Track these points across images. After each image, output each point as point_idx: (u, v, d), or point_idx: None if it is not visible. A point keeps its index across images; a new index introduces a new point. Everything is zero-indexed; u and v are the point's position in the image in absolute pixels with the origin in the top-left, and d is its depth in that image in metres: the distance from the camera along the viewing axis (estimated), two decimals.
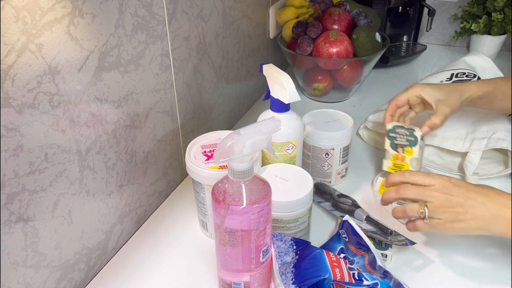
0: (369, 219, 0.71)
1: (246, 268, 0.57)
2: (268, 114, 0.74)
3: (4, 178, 0.49)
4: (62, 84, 0.54)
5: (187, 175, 0.88)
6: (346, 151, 0.82)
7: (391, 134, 0.80)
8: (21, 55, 0.48)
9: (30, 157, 0.51)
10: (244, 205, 0.52)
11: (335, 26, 1.09)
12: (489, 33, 1.34)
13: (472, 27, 1.33)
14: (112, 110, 0.64)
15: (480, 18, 1.33)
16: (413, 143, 0.78)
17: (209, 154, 0.69)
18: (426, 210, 0.61)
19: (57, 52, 0.52)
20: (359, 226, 0.67)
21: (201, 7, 0.81)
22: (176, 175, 0.84)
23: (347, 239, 0.66)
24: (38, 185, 0.53)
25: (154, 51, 0.70)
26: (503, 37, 1.35)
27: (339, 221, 0.71)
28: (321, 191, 0.80)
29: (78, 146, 0.58)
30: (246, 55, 1.05)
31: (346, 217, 0.67)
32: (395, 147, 0.80)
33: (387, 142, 0.80)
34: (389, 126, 0.80)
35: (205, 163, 0.66)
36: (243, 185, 0.52)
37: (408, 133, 0.79)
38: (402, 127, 0.79)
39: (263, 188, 0.54)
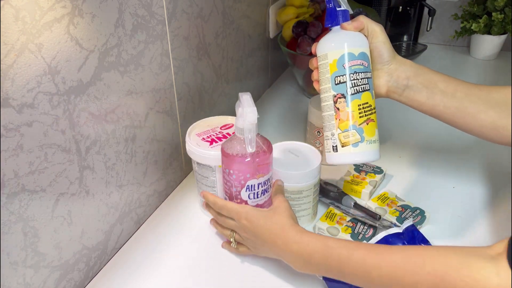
0: (357, 205, 0.77)
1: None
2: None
3: (4, 178, 0.49)
4: (62, 84, 0.54)
5: (187, 175, 0.88)
6: None
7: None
8: (21, 55, 0.48)
9: (30, 157, 0.51)
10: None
11: None
12: (489, 33, 1.34)
13: (472, 27, 1.33)
14: (112, 110, 0.64)
15: (481, 18, 1.33)
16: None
17: (209, 140, 0.73)
18: (234, 237, 0.67)
19: (57, 52, 0.52)
20: (347, 212, 0.75)
21: (201, 7, 0.81)
22: (176, 175, 0.84)
23: None
24: (38, 185, 0.53)
25: (154, 51, 0.70)
26: (503, 37, 1.35)
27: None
28: None
29: (78, 146, 0.58)
30: (246, 55, 1.05)
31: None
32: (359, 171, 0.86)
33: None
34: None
35: (211, 147, 0.71)
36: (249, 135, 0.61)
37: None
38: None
39: (265, 141, 0.64)
